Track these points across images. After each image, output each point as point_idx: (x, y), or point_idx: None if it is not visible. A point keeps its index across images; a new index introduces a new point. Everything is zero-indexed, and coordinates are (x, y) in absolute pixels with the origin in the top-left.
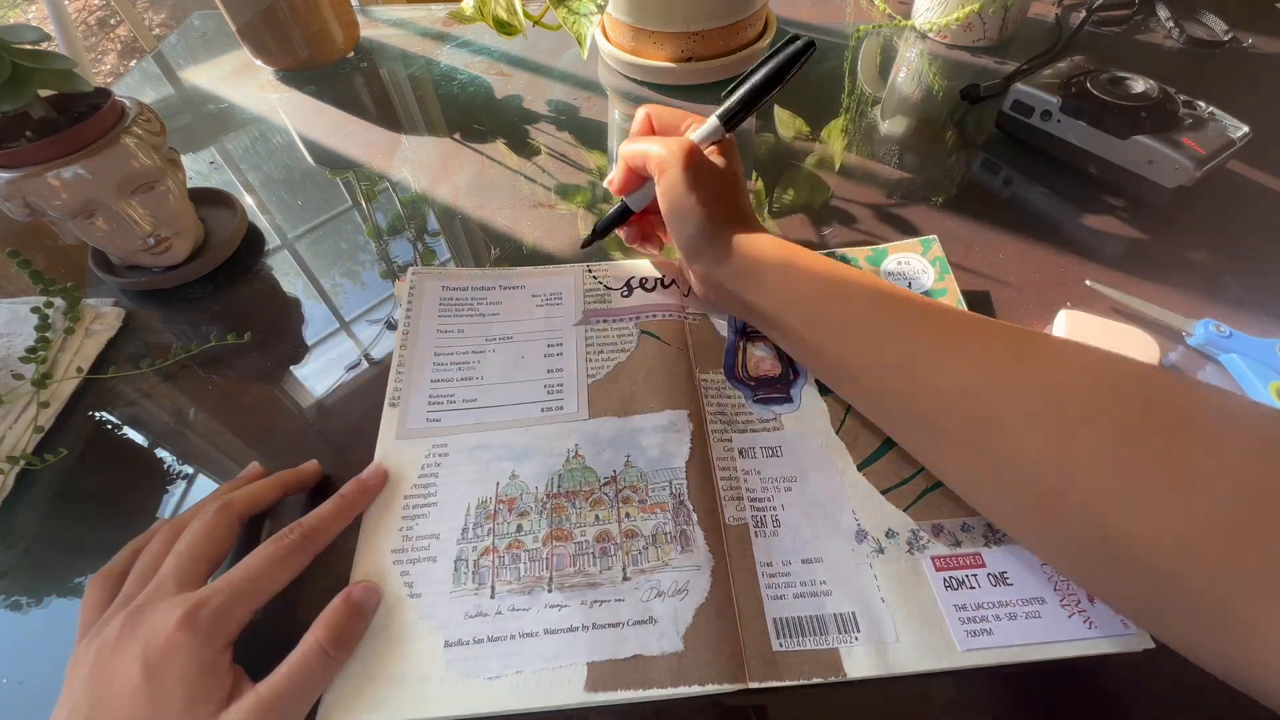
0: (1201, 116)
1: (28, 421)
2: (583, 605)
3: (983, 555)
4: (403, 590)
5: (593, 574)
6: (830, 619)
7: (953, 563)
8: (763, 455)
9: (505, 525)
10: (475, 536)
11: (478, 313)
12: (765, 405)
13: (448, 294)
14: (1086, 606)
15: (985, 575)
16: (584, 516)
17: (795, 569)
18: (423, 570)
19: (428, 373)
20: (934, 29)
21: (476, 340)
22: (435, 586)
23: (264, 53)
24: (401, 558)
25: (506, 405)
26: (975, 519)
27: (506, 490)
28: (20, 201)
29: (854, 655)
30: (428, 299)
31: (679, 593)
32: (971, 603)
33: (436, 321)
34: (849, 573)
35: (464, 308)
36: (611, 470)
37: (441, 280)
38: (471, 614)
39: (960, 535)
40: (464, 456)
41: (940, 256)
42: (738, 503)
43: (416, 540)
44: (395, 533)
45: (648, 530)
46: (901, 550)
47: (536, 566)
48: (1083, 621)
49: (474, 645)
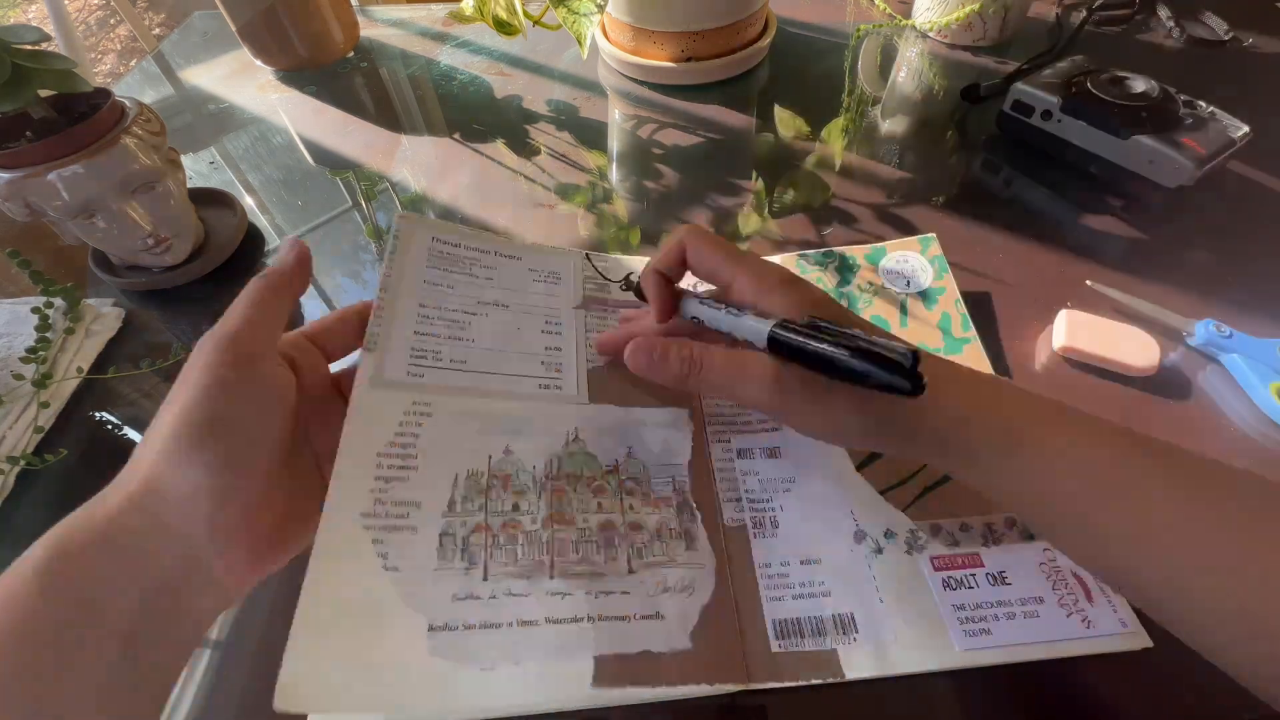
0: (1202, 116)
1: (28, 421)
2: (588, 595)
3: (981, 555)
4: (375, 560)
5: (597, 563)
6: (829, 620)
7: (951, 563)
8: (761, 456)
9: (499, 503)
10: (465, 511)
11: (470, 274)
12: None
13: (438, 246)
14: (1085, 606)
15: (984, 575)
16: (586, 503)
17: (794, 570)
18: (401, 541)
19: (411, 323)
20: (934, 29)
21: (468, 300)
22: (416, 561)
23: (264, 53)
24: (374, 524)
25: (501, 375)
26: (974, 519)
27: (500, 465)
28: (20, 201)
29: (853, 656)
30: (415, 248)
31: (685, 590)
32: (970, 602)
33: (424, 272)
34: (848, 573)
35: (455, 264)
36: (614, 459)
37: (431, 231)
38: (460, 595)
39: (959, 535)
40: (449, 421)
41: (939, 255)
42: (736, 504)
43: (392, 505)
44: (366, 494)
45: (652, 524)
46: (900, 550)
47: (536, 550)
48: (1080, 621)
49: (464, 631)
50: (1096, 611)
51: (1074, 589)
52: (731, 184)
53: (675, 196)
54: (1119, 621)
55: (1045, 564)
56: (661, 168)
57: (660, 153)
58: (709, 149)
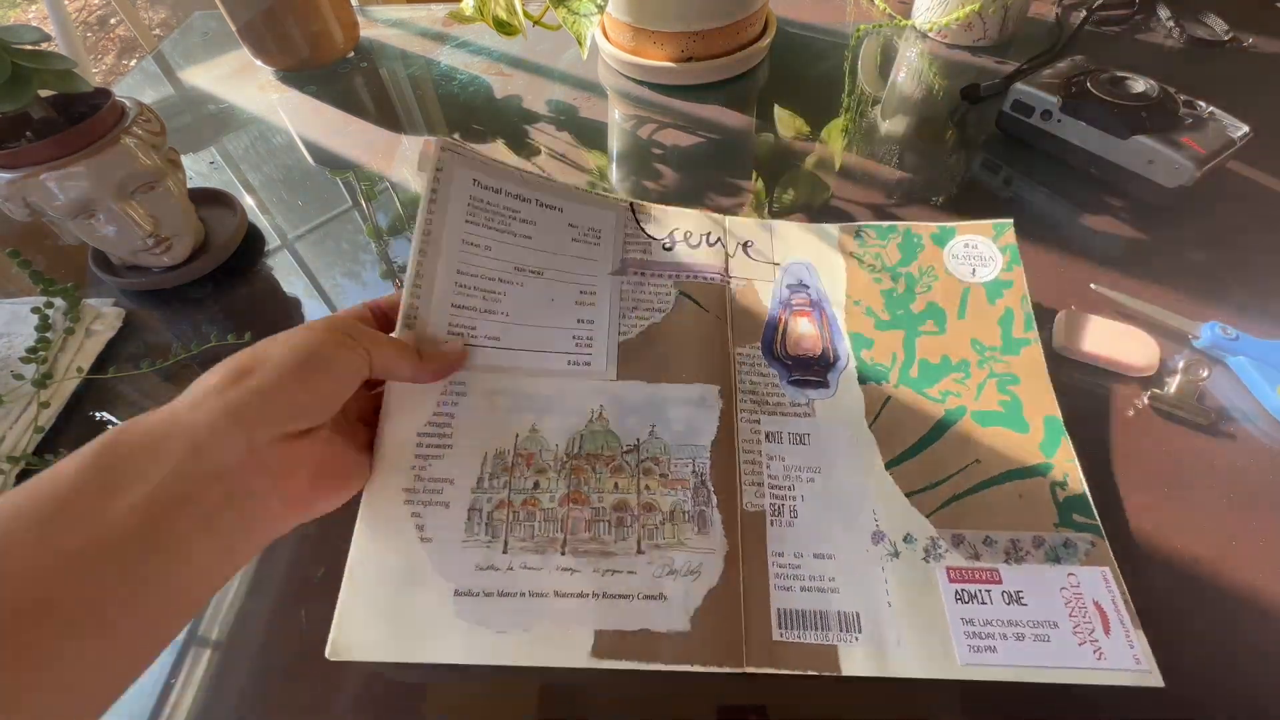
0: (1201, 116)
1: (28, 421)
2: (595, 573)
3: (1000, 572)
4: (413, 533)
5: (607, 542)
6: (834, 616)
7: (968, 576)
8: (789, 441)
9: (522, 480)
10: (491, 488)
11: (509, 230)
12: (799, 388)
13: (479, 193)
14: (1100, 637)
15: (1000, 592)
16: (603, 483)
17: (806, 563)
18: (434, 514)
19: (449, 294)
20: (934, 29)
21: (504, 266)
22: (446, 533)
23: (264, 53)
24: (413, 498)
25: (532, 351)
26: (999, 533)
27: (525, 444)
28: (20, 201)
29: (852, 654)
30: (456, 192)
31: (691, 573)
32: (980, 618)
33: (464, 228)
34: (859, 573)
35: (494, 218)
36: (635, 438)
37: (474, 171)
38: (483, 566)
39: (981, 549)
40: (482, 400)
41: (1012, 244)
42: (757, 488)
43: (429, 482)
44: (408, 470)
45: (666, 506)
46: (917, 557)
47: (551, 527)
48: (1093, 652)
49: (484, 598)
50: (1111, 644)
51: (1091, 618)
52: (731, 184)
53: (675, 197)
54: (1133, 658)
55: (1066, 589)
56: (661, 168)
57: (660, 153)
58: (709, 149)
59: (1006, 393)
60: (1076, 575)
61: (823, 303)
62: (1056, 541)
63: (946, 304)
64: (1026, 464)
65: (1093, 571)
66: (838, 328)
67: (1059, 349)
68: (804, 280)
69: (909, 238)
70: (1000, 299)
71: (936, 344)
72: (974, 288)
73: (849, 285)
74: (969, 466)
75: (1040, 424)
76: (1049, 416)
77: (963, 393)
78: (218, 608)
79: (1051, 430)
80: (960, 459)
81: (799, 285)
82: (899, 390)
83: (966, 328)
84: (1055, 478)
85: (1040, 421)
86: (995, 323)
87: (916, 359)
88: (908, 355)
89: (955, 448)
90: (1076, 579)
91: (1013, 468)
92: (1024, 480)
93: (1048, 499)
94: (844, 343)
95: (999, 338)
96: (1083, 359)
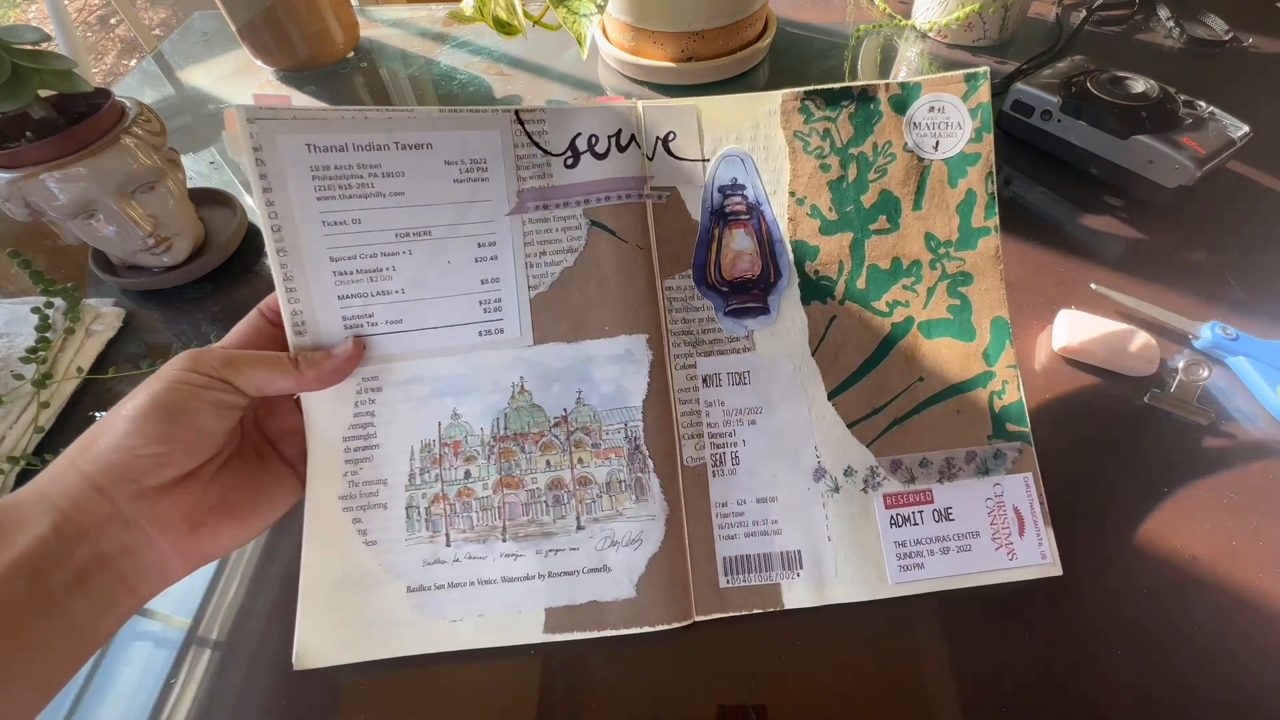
0: (1201, 116)
1: (28, 421)
2: (538, 555)
3: (933, 491)
4: (357, 538)
5: (546, 523)
6: (776, 557)
7: (903, 500)
8: (729, 383)
9: (452, 471)
10: (423, 483)
11: (374, 191)
12: (738, 319)
13: (319, 159)
14: (1014, 540)
15: (930, 511)
16: (534, 462)
17: (749, 509)
18: (373, 517)
19: (330, 287)
20: (934, 29)
21: (383, 236)
22: (389, 533)
23: (264, 53)
24: (351, 504)
25: (438, 328)
26: (935, 454)
27: (449, 432)
28: (20, 201)
29: (794, 589)
30: (290, 167)
31: (633, 543)
32: (911, 539)
33: (317, 208)
34: (801, 511)
35: (350, 183)
36: (562, 409)
37: (303, 135)
38: (429, 561)
39: (917, 471)
40: (398, 392)
41: (985, 103)
42: (697, 440)
43: (363, 485)
44: (340, 477)
45: (601, 477)
46: (856, 489)
47: (489, 515)
48: (1007, 554)
49: (435, 591)
50: (1023, 544)
51: (1009, 523)
52: None
53: None
54: (1040, 554)
55: (991, 499)
56: None
57: None
58: None
59: (957, 295)
60: (1001, 484)
61: (761, 205)
62: (988, 454)
63: (902, 191)
64: (969, 375)
65: (1016, 479)
66: (779, 235)
67: (1059, 349)
68: (738, 178)
69: (865, 103)
70: (963, 179)
71: (887, 244)
72: (935, 165)
73: (792, 177)
74: (912, 386)
75: (987, 328)
76: (997, 318)
77: (911, 301)
78: (218, 608)
79: (998, 333)
80: (903, 379)
81: (733, 185)
82: (845, 307)
83: (921, 221)
84: (994, 387)
85: (988, 325)
86: (954, 210)
87: (865, 266)
88: (855, 263)
89: (899, 368)
90: (1001, 488)
91: (955, 382)
92: (964, 394)
93: (984, 411)
94: (786, 255)
95: (956, 229)
96: (1083, 359)
